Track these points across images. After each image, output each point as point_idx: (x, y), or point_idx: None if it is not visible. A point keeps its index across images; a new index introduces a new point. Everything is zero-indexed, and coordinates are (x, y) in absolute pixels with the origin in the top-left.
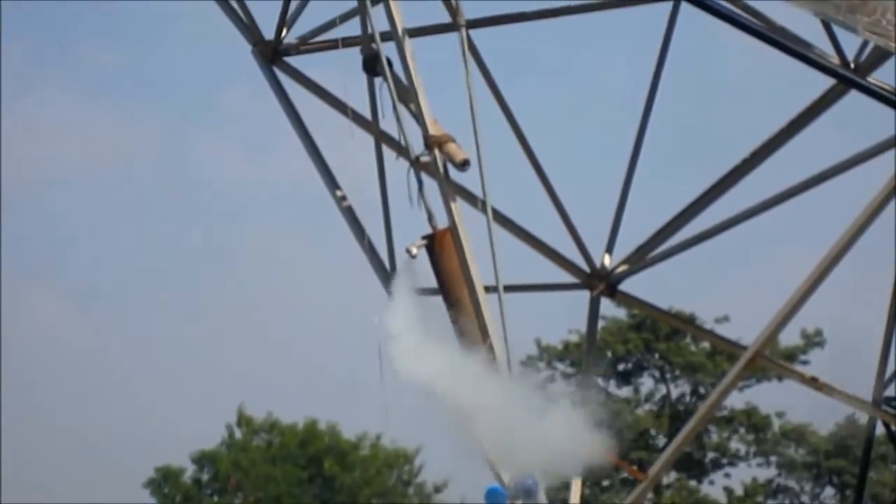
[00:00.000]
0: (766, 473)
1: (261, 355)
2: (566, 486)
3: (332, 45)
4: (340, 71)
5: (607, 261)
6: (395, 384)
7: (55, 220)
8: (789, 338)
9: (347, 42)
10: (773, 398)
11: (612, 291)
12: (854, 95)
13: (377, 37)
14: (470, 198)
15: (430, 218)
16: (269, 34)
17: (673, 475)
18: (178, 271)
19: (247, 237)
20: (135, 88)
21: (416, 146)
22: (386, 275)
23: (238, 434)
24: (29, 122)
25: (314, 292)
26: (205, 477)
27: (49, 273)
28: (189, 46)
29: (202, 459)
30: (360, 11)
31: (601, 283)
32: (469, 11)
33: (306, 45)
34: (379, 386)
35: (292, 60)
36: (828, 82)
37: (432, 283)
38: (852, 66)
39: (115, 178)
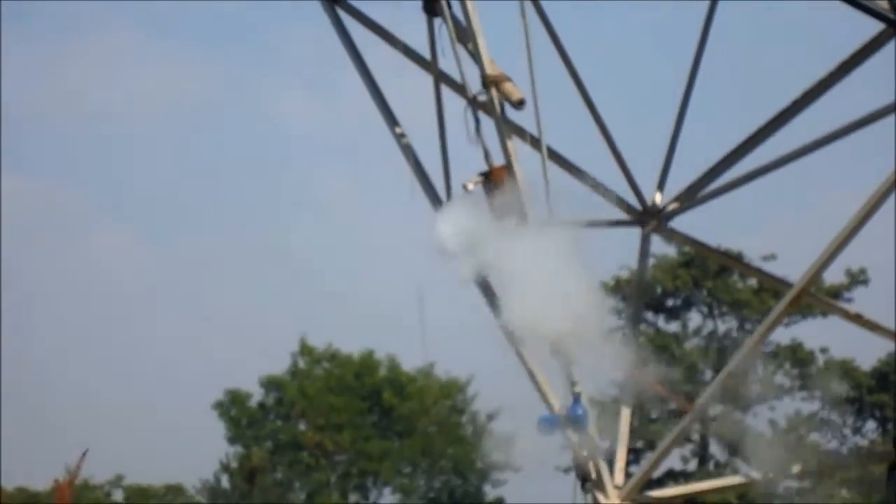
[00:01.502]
0: (809, 407)
1: (325, 291)
2: (615, 416)
3: None
4: (400, 12)
5: (658, 198)
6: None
7: (126, 157)
8: (834, 276)
9: None
10: (818, 334)
11: (663, 228)
12: None
13: None
14: (525, 136)
15: (487, 155)
16: None
17: (719, 407)
18: (248, 213)
19: (314, 181)
20: (203, 29)
21: (474, 85)
22: (443, 209)
23: (301, 363)
24: (98, 58)
25: (376, 233)
26: (270, 401)
27: (129, 214)
28: None
29: (269, 385)
30: None
31: (652, 220)
32: None
33: None
34: (419, 317)
35: (354, 3)
36: (878, 26)
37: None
38: None
39: (184, 117)
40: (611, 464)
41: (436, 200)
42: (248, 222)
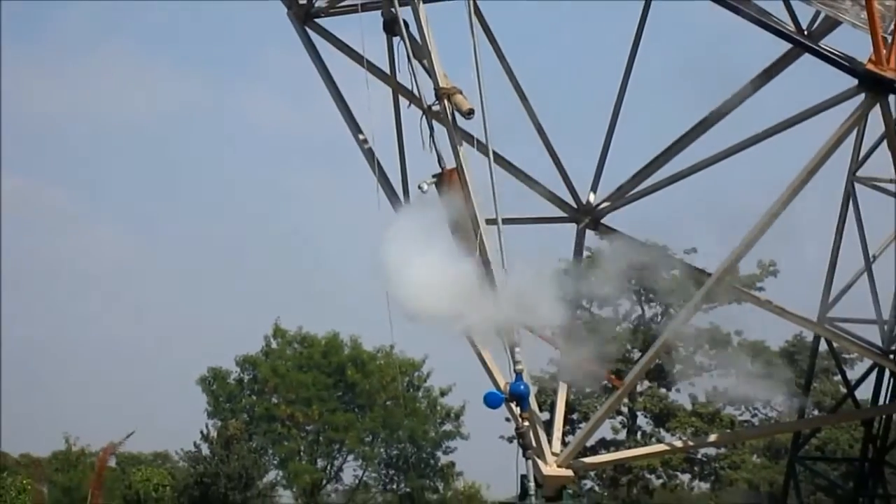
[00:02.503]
0: (724, 383)
1: (297, 278)
2: (554, 391)
3: (355, 9)
4: (364, 32)
5: (592, 198)
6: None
7: (117, 155)
8: (748, 267)
9: (367, 6)
10: (733, 318)
11: (596, 225)
12: (807, 58)
13: (396, 2)
14: (474, 142)
15: (440, 159)
16: None
17: (646, 383)
18: (227, 206)
19: (284, 177)
20: (188, 45)
21: (429, 97)
22: (401, 206)
23: (274, 344)
24: (98, 74)
25: (341, 224)
26: (246, 378)
27: (120, 208)
28: (232, 9)
29: (245, 364)
30: None
31: (586, 217)
32: None
33: (334, 8)
34: (386, 303)
35: (321, 22)
36: (785, 46)
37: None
38: (806, 32)
39: (173, 120)
40: (549, 434)
41: (395, 198)
42: (228, 220)
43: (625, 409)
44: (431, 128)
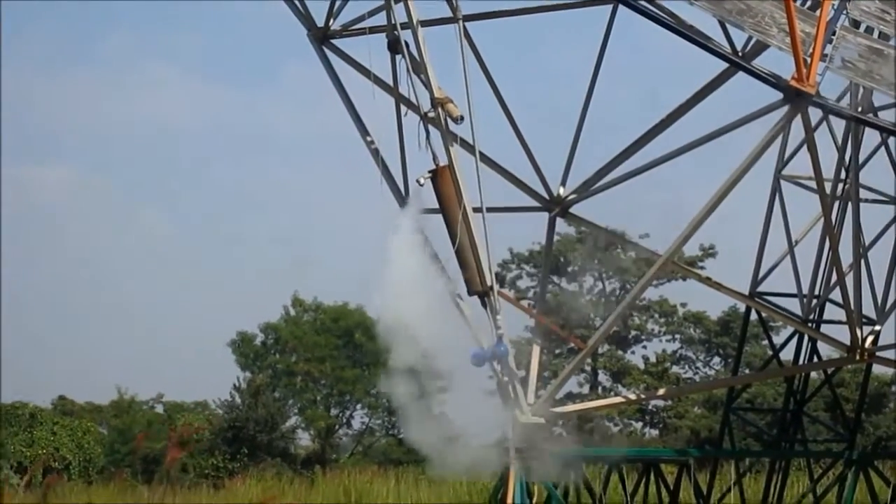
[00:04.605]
0: (672, 347)
1: (314, 254)
2: (529, 353)
3: (363, 31)
4: (371, 51)
5: (561, 191)
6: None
7: (157, 150)
8: (691, 250)
9: (374, 30)
10: (679, 292)
11: (565, 213)
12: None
13: (398, 26)
14: (463, 143)
15: (434, 157)
16: (319, 23)
17: (606, 346)
18: (256, 197)
19: (303, 171)
20: (219, 64)
21: (425, 105)
22: (401, 197)
23: (293, 312)
24: (140, 89)
25: (352, 211)
26: (270, 341)
27: (163, 193)
28: (262, 31)
29: (267, 329)
30: (386, 8)
31: (557, 207)
32: (465, 8)
33: (346, 31)
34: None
35: (336, 42)
36: (722, 65)
37: (434, 203)
38: (741, 54)
39: (207, 126)
40: (525, 388)
41: (396, 190)
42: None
43: (588, 368)
44: (427, 131)
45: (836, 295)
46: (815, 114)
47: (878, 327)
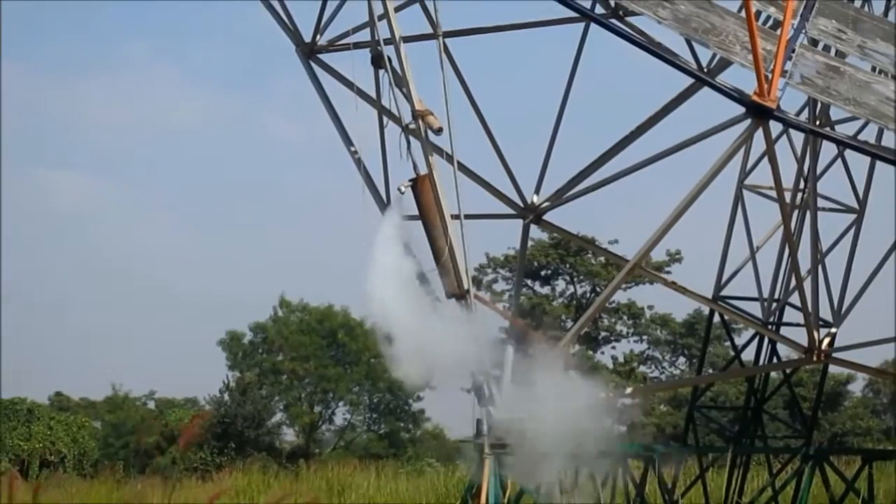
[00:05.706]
0: (639, 347)
1: (300, 258)
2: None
3: (348, 47)
4: (355, 65)
5: (535, 199)
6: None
7: (159, 156)
8: (658, 255)
9: (358, 45)
10: (646, 295)
11: (538, 220)
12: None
13: (381, 42)
14: (442, 153)
15: (414, 167)
16: (307, 38)
17: (577, 347)
18: (246, 202)
19: (290, 177)
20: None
21: (406, 117)
22: (383, 205)
23: (280, 312)
24: (149, 95)
25: (336, 217)
26: (258, 340)
27: (166, 199)
28: (251, 45)
29: (256, 328)
30: (370, 24)
31: (530, 214)
32: (445, 24)
33: (332, 46)
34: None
35: (322, 57)
36: (688, 81)
37: (414, 211)
38: (706, 70)
39: (207, 132)
40: (499, 385)
41: (378, 197)
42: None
43: None
44: (408, 142)
45: (794, 299)
46: (775, 127)
47: (834, 329)
